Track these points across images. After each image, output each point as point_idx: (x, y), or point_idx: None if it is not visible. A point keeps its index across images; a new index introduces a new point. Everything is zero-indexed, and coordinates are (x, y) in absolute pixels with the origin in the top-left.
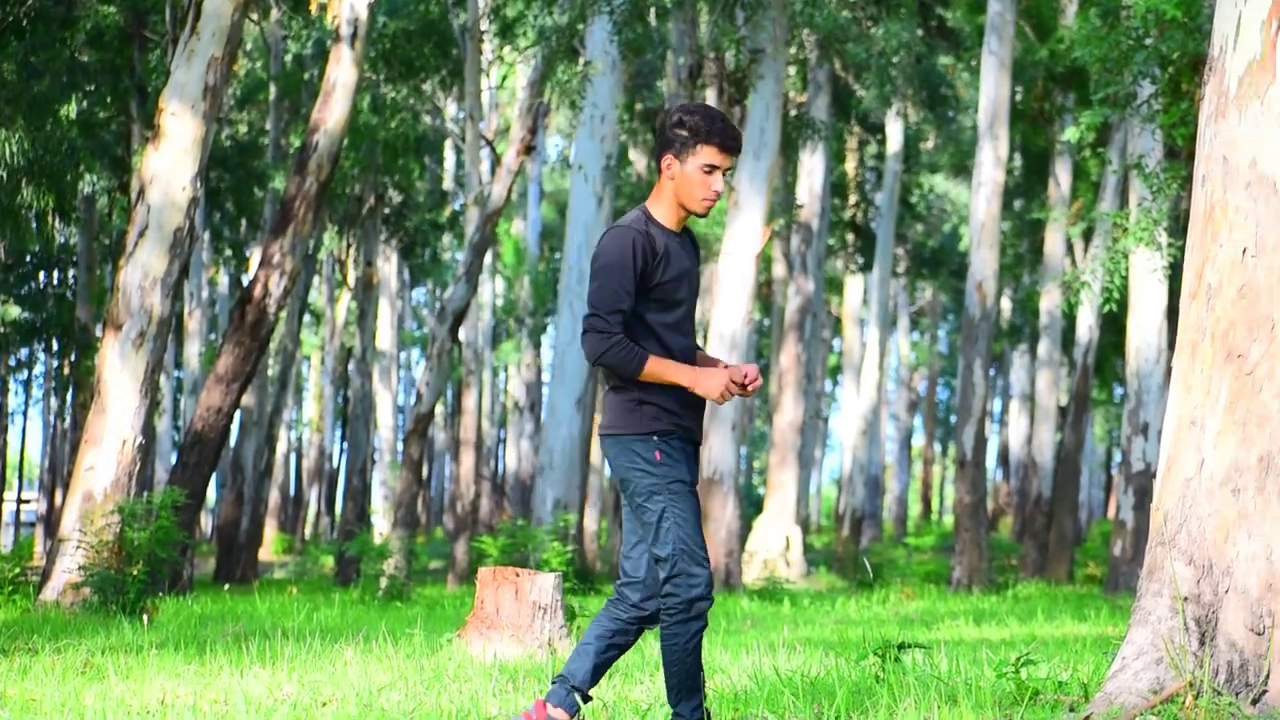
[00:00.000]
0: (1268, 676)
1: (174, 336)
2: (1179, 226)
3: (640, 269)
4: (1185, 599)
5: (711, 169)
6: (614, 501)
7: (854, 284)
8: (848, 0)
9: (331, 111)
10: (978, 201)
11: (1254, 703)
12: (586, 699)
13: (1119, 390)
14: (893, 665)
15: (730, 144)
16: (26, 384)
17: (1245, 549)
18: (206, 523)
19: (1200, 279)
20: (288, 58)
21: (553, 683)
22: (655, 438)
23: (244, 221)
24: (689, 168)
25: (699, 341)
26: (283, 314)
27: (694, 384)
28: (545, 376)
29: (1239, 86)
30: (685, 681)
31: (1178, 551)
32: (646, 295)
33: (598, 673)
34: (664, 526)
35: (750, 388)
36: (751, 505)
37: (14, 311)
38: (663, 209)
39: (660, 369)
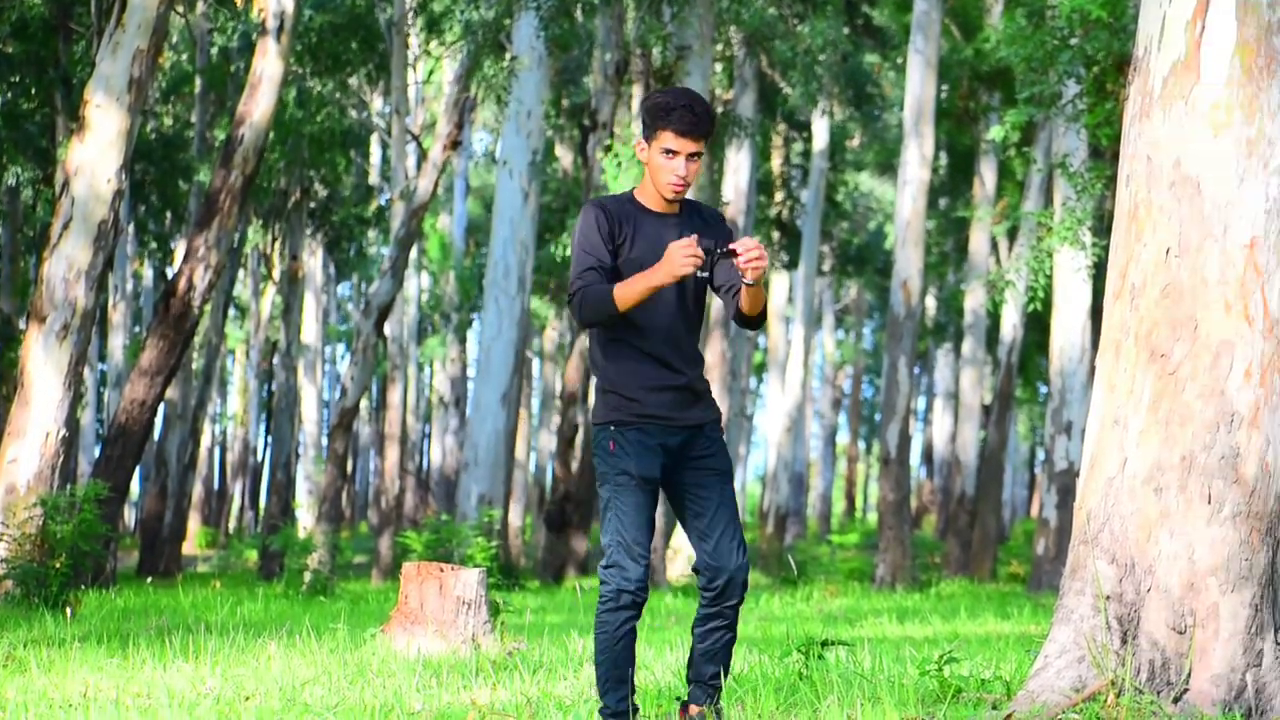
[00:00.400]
0: (1189, 675)
1: (98, 329)
2: (1103, 226)
3: (605, 236)
4: (1107, 598)
5: (671, 154)
6: (538, 497)
7: (779, 281)
8: None
9: (257, 105)
10: (903, 200)
11: (1175, 701)
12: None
13: (1043, 389)
14: (816, 662)
15: (689, 128)
16: None
17: (1167, 548)
18: (130, 516)
19: (1124, 279)
20: (213, 51)
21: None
22: (611, 427)
23: (169, 214)
24: (653, 150)
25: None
26: (207, 307)
27: (658, 280)
28: (470, 372)
29: (1163, 87)
30: (612, 672)
31: (1100, 550)
32: (616, 272)
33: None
34: (607, 515)
35: (744, 257)
36: None
37: None
38: (645, 191)
39: (629, 289)
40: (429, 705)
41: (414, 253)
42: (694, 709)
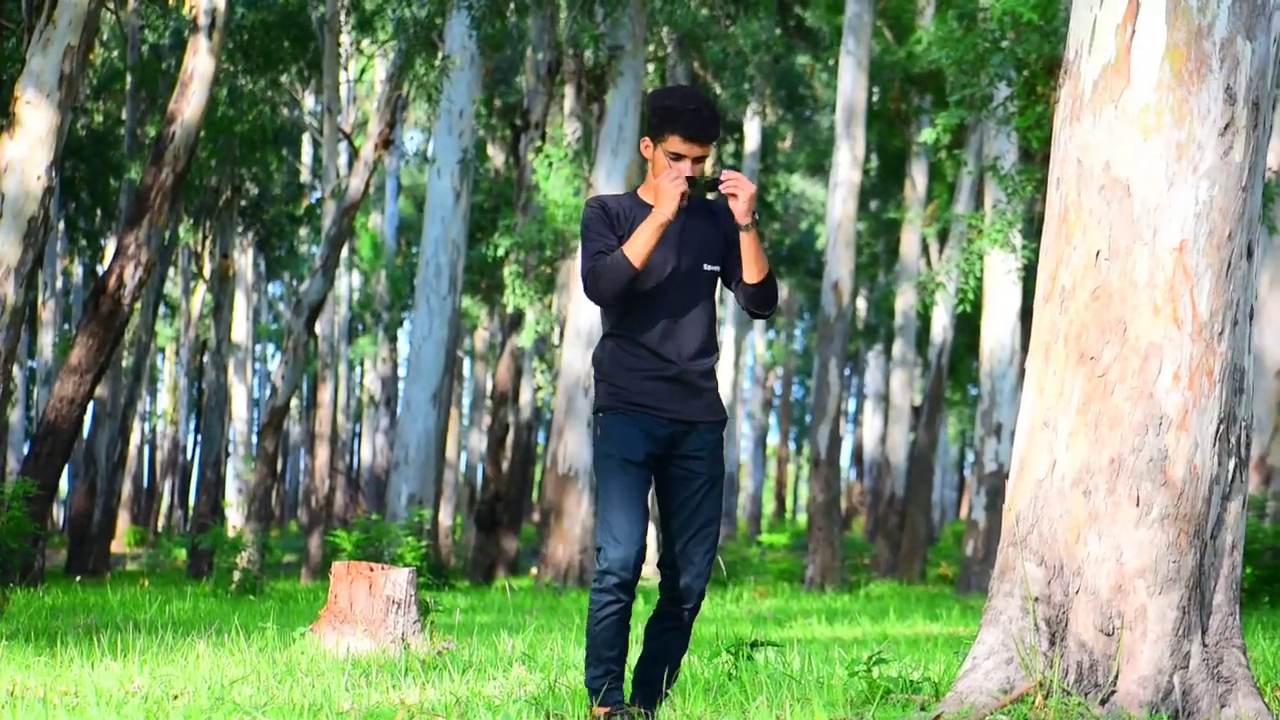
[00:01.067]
0: (1116, 677)
1: (27, 326)
2: (1033, 229)
3: (611, 229)
4: (1036, 599)
5: (678, 157)
6: (469, 497)
7: None
8: None
9: (189, 102)
10: (834, 201)
11: (1103, 703)
12: None
13: (973, 391)
14: (746, 663)
15: (697, 133)
16: None
17: (1096, 550)
18: (58, 514)
19: (1054, 281)
20: (145, 48)
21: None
22: (601, 414)
23: (99, 212)
24: (659, 152)
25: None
26: (137, 305)
27: (659, 219)
28: (401, 371)
29: (1094, 90)
30: (591, 650)
31: (1029, 552)
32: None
33: None
34: (600, 499)
35: (727, 183)
36: None
37: None
38: (648, 188)
39: (636, 240)
40: (358, 704)
41: (345, 251)
42: (636, 709)
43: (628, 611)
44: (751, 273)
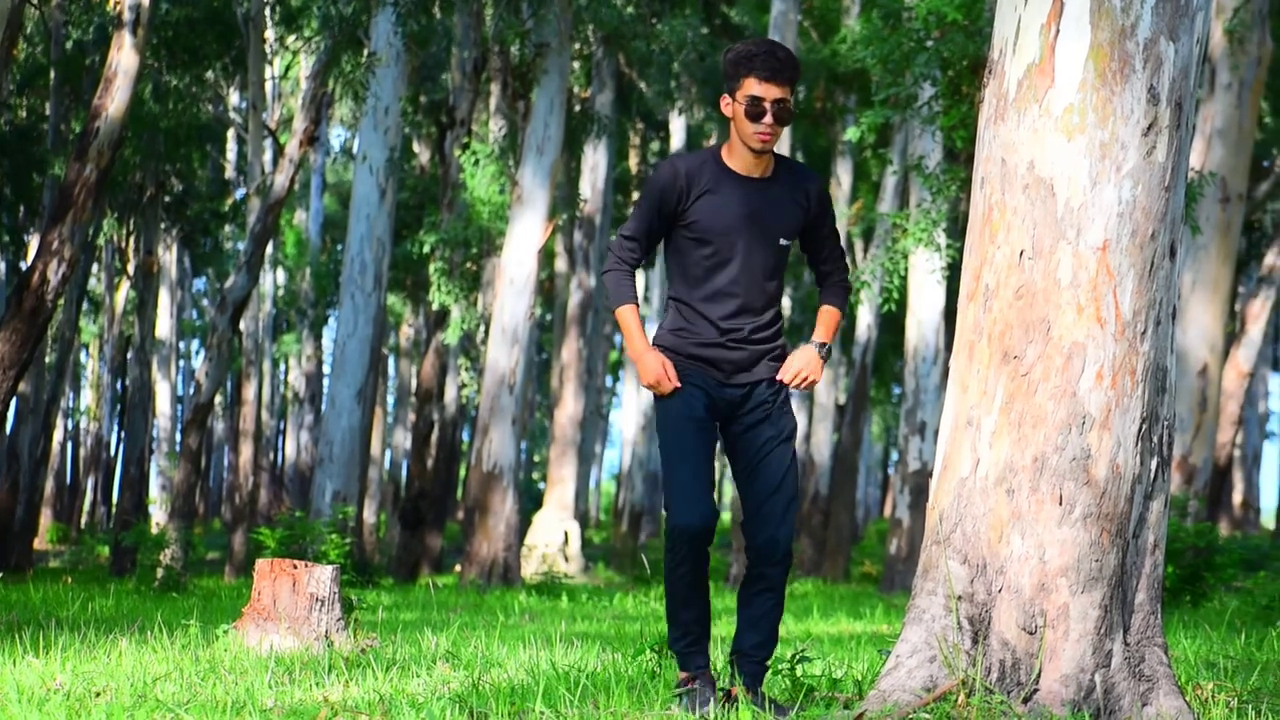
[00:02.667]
0: (1039, 675)
1: None
2: (958, 228)
3: (668, 200)
4: (959, 598)
5: (756, 101)
6: (393, 494)
7: (637, 279)
8: None
9: (113, 99)
10: None
11: (1025, 701)
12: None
13: (897, 389)
14: (669, 661)
15: (773, 72)
16: None
17: (1018, 549)
18: None
19: (978, 280)
20: (69, 43)
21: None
22: None
23: (22, 208)
24: (737, 102)
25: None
26: (61, 301)
27: (635, 357)
28: (326, 368)
29: (1018, 90)
30: (669, 611)
31: (952, 551)
32: (682, 226)
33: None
34: (663, 461)
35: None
36: (531, 500)
37: None
38: (732, 150)
39: (624, 321)
40: (281, 702)
41: (270, 248)
42: (735, 690)
43: (703, 570)
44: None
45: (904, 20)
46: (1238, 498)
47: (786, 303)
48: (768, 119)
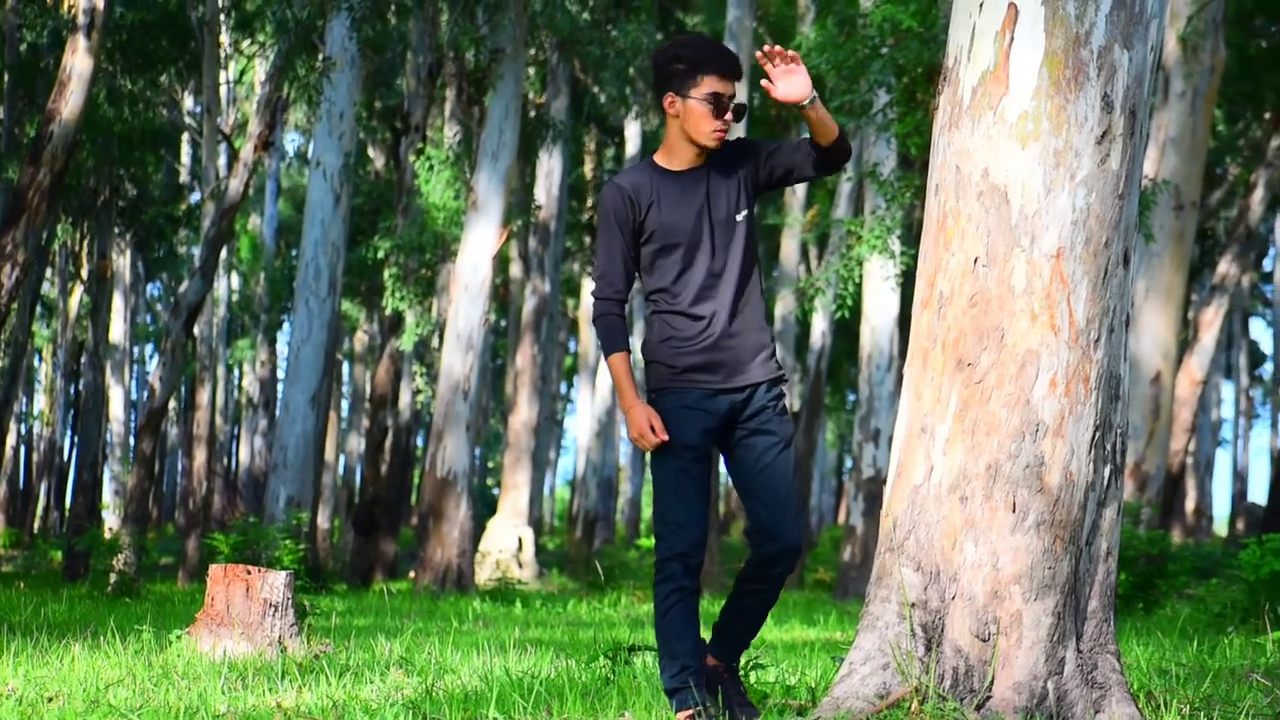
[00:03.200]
0: (992, 682)
1: None
2: (912, 235)
3: (624, 219)
4: (912, 605)
5: (718, 97)
6: (347, 500)
7: (591, 286)
8: (587, 3)
9: (67, 102)
10: None
11: (978, 708)
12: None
13: (851, 396)
14: (623, 667)
15: (731, 70)
16: None
17: (972, 556)
18: None
19: (932, 287)
20: (23, 47)
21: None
22: (652, 394)
23: None
24: (692, 101)
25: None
26: (14, 306)
27: (625, 408)
28: (280, 373)
29: (972, 97)
30: (663, 646)
31: (906, 558)
32: (644, 241)
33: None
34: (654, 486)
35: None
36: (485, 506)
37: None
38: (668, 152)
39: (615, 372)
40: (234, 707)
41: (224, 253)
42: (711, 660)
43: (695, 599)
44: (826, 136)
45: (859, 27)
46: (1190, 505)
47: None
48: (728, 115)
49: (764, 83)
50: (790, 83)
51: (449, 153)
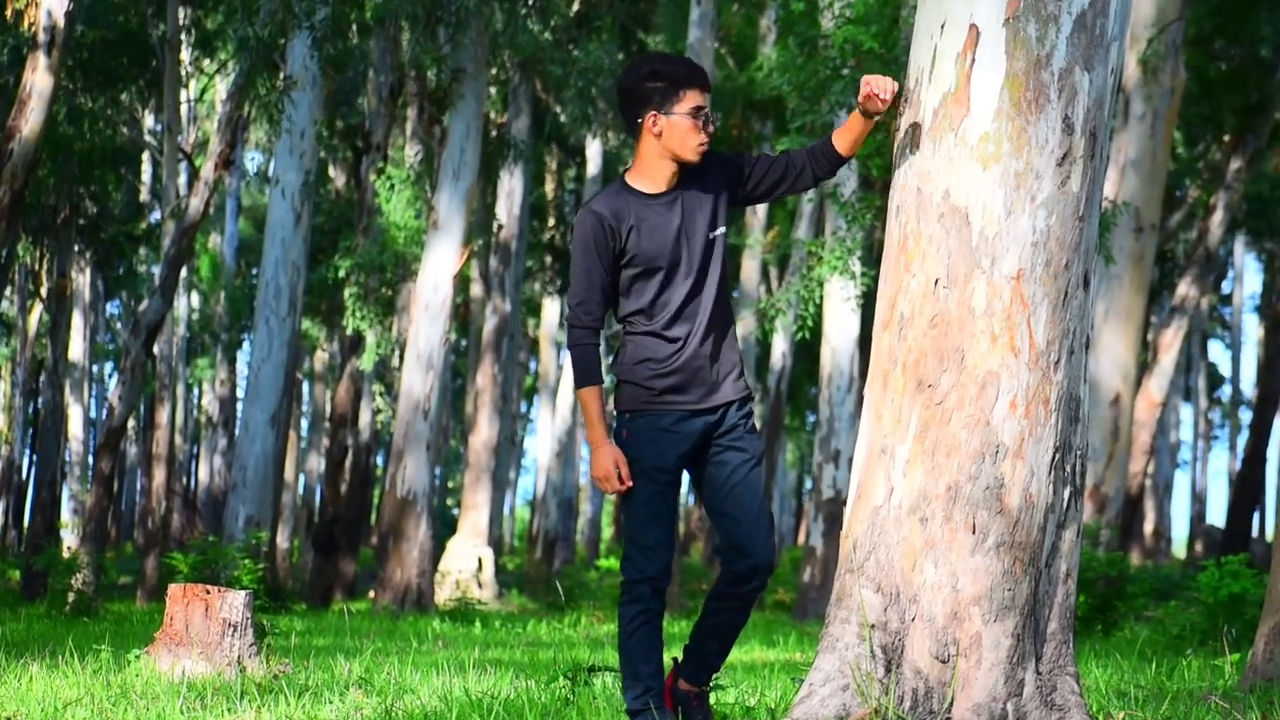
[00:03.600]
0: (951, 704)
1: None
2: (873, 256)
3: (603, 245)
4: (872, 626)
5: (700, 110)
6: (307, 519)
7: (551, 306)
8: (549, 23)
9: (27, 120)
10: None
11: None
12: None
13: (811, 417)
14: (583, 688)
15: (707, 83)
16: None
17: (932, 577)
18: None
19: (893, 309)
20: None
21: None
22: (626, 415)
23: None
24: (676, 116)
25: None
26: None
27: (593, 445)
28: (240, 392)
29: (934, 118)
30: (626, 668)
31: (866, 579)
32: (624, 265)
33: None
34: (624, 506)
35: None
36: (445, 525)
37: None
38: (642, 172)
39: (586, 407)
40: None
41: (184, 272)
42: (685, 685)
43: (659, 620)
44: (856, 148)
45: (820, 48)
46: (1149, 527)
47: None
48: (710, 129)
49: (871, 96)
50: (884, 105)
51: (410, 172)
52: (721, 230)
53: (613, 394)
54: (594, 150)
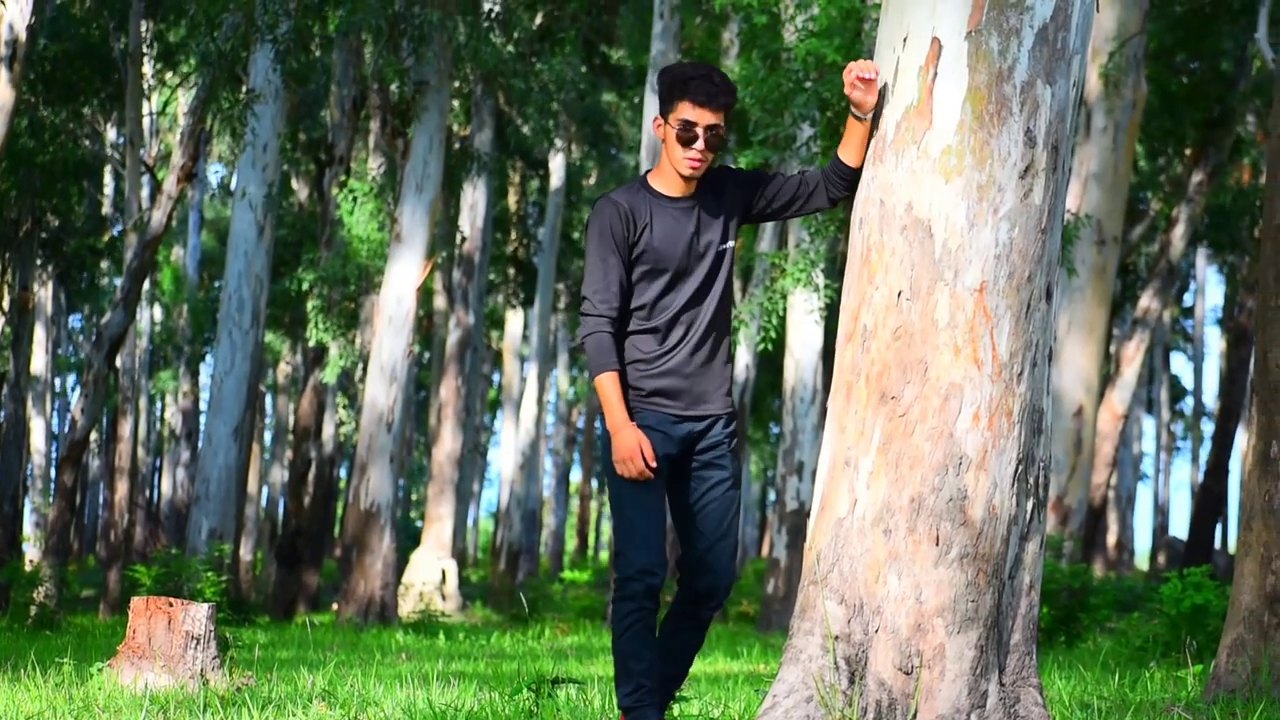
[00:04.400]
0: (915, 716)
1: None
2: (836, 268)
3: (619, 235)
4: (836, 638)
5: (689, 125)
6: (270, 532)
7: (514, 318)
8: (512, 36)
9: None
10: None
11: None
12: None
13: (775, 429)
14: (547, 700)
15: (708, 97)
16: None
17: (895, 589)
18: None
19: (856, 321)
20: None
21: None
22: None
23: None
24: (670, 126)
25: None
26: None
27: (614, 429)
28: (202, 405)
29: (896, 131)
30: (620, 664)
31: (829, 590)
32: (633, 261)
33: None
34: (614, 508)
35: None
36: (409, 538)
37: None
38: (661, 173)
39: (604, 392)
40: None
41: (147, 285)
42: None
43: (653, 619)
44: (860, 156)
45: (783, 61)
46: (1112, 539)
47: None
48: (699, 145)
49: (856, 82)
50: (870, 93)
51: (373, 184)
52: (731, 244)
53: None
54: (557, 163)
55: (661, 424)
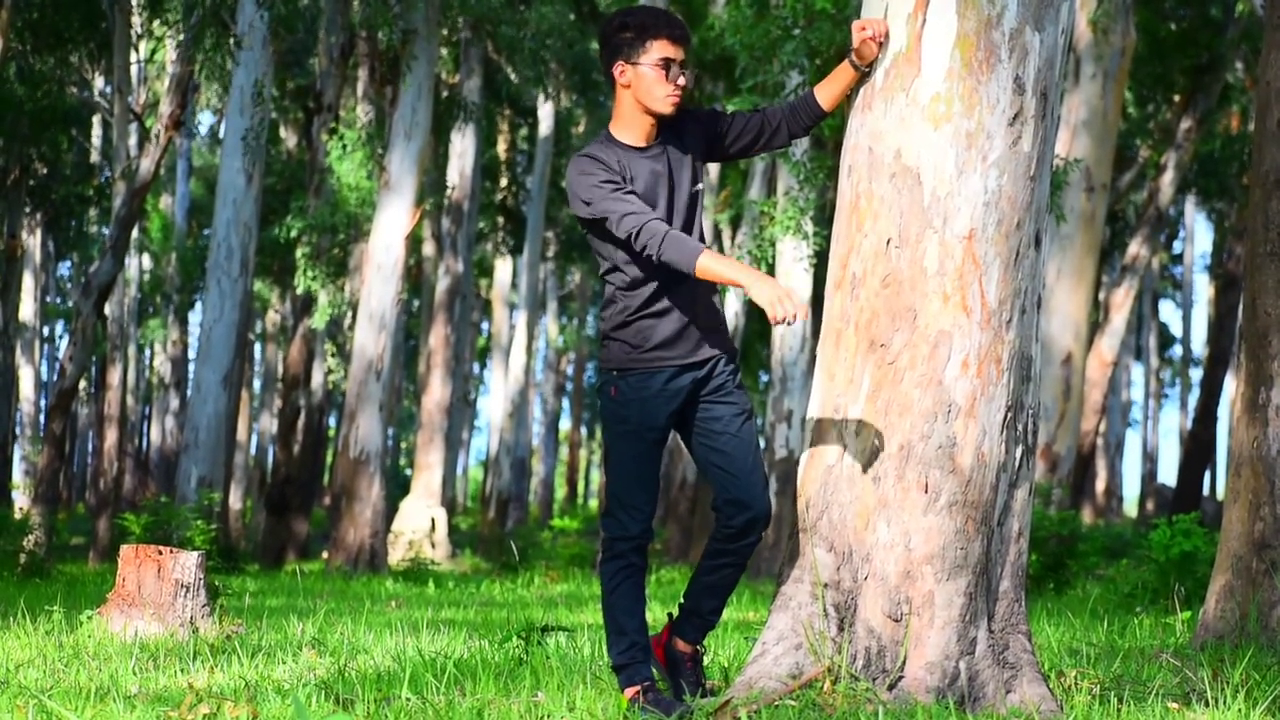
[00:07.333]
0: (904, 662)
1: None
2: (825, 216)
3: (616, 174)
4: (825, 585)
5: (669, 62)
6: (259, 480)
7: (504, 266)
8: None
9: None
10: None
11: (890, 688)
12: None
13: (764, 377)
14: (536, 648)
15: (679, 34)
16: None
17: (884, 536)
18: None
19: (845, 268)
20: None
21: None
22: (614, 373)
23: None
24: (643, 68)
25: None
26: None
27: (751, 282)
28: (191, 353)
29: (885, 79)
30: (611, 623)
31: (819, 538)
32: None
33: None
34: (608, 464)
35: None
36: (398, 486)
37: None
38: (623, 125)
39: (711, 267)
40: (145, 688)
41: (135, 233)
42: (681, 645)
43: (643, 576)
44: (838, 103)
45: (772, 8)
46: (1101, 486)
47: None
48: (681, 80)
49: (866, 40)
50: (874, 50)
51: (361, 132)
52: (700, 186)
53: (599, 351)
54: (546, 111)
55: (665, 383)
